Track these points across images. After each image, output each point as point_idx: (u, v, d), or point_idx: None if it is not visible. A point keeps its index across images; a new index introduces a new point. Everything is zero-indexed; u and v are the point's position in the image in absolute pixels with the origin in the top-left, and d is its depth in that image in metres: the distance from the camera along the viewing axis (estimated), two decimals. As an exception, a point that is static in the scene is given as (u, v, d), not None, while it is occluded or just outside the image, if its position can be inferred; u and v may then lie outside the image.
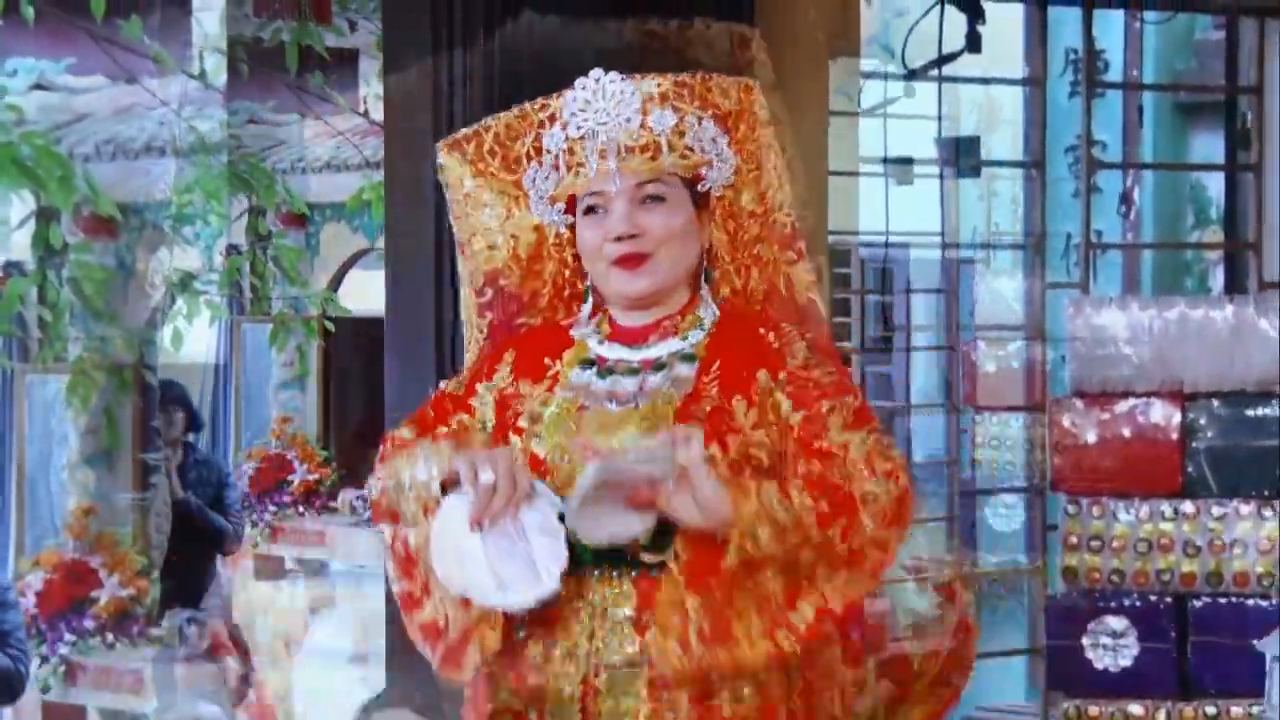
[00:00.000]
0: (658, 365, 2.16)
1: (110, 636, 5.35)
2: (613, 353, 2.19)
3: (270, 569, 7.75)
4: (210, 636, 4.83)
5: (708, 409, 2.10)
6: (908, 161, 4.72)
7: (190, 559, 5.45)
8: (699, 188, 2.18)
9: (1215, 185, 5.26)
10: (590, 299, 2.23)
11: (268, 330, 6.70)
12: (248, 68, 6.21)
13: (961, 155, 4.26)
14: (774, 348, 2.14)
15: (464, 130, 2.28)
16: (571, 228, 2.20)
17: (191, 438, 5.68)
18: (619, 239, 2.13)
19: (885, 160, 4.66)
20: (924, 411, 5.60)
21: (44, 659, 5.32)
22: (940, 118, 4.26)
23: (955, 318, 5.03)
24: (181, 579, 5.31)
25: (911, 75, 3.80)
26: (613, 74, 2.16)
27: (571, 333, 2.23)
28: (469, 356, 2.33)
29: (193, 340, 6.21)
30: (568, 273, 2.27)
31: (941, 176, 4.80)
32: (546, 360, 2.20)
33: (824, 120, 3.87)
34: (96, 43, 4.96)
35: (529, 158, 2.21)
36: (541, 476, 2.08)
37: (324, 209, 7.19)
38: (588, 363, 2.19)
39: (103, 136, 5.48)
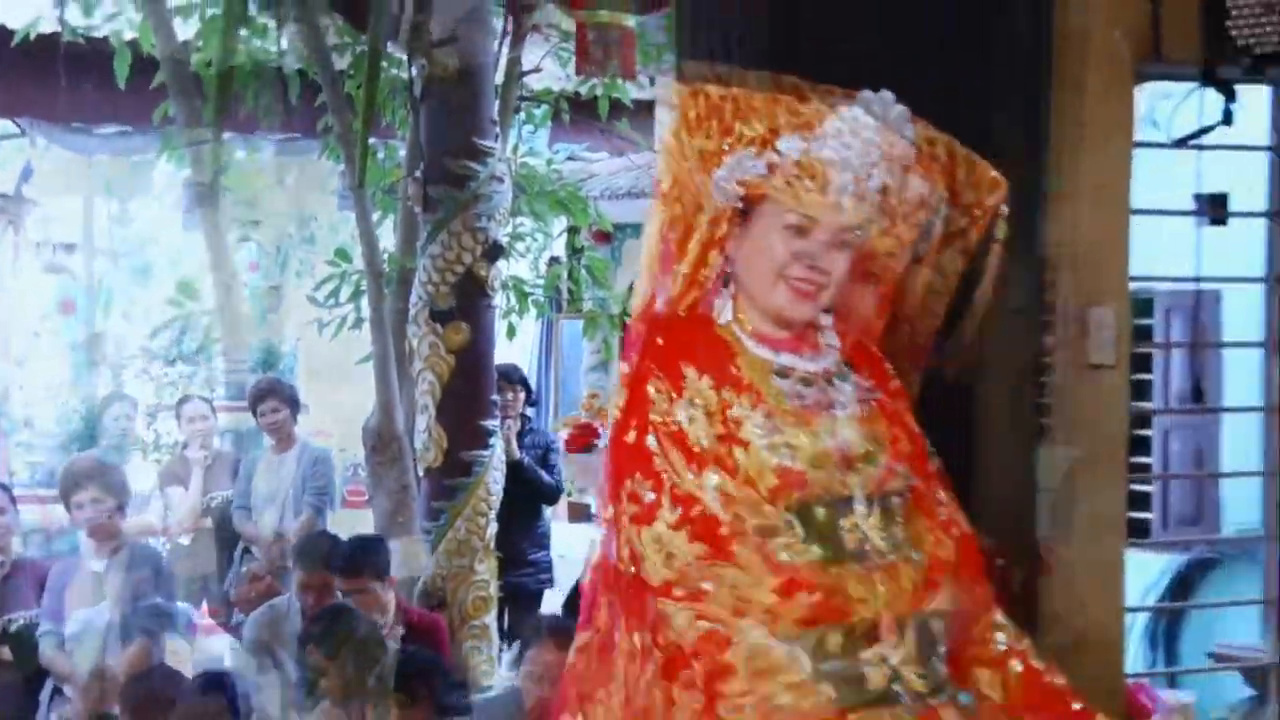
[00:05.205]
0: (834, 375, 1.91)
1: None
2: (792, 363, 1.90)
3: (579, 513, 7.95)
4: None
5: (897, 406, 1.92)
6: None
7: (521, 510, 5.39)
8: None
9: None
10: (729, 287, 1.91)
11: (580, 325, 6.72)
12: (569, 116, 6.29)
13: (1212, 207, 3.79)
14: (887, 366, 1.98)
15: (711, 87, 1.89)
16: (740, 215, 1.88)
17: (529, 411, 5.65)
18: (812, 268, 1.86)
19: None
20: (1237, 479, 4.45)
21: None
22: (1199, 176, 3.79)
23: (1278, 372, 3.92)
24: (509, 526, 5.25)
25: (1179, 144, 3.48)
26: (870, 120, 1.84)
27: (727, 326, 1.90)
28: (640, 298, 1.95)
29: (523, 333, 6.26)
30: (712, 255, 1.91)
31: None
32: (732, 369, 1.88)
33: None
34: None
35: (750, 142, 1.85)
36: (799, 486, 1.80)
37: (626, 228, 7.20)
38: (780, 372, 1.88)
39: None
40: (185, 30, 5.75)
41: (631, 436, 1.81)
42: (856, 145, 1.82)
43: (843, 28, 2.86)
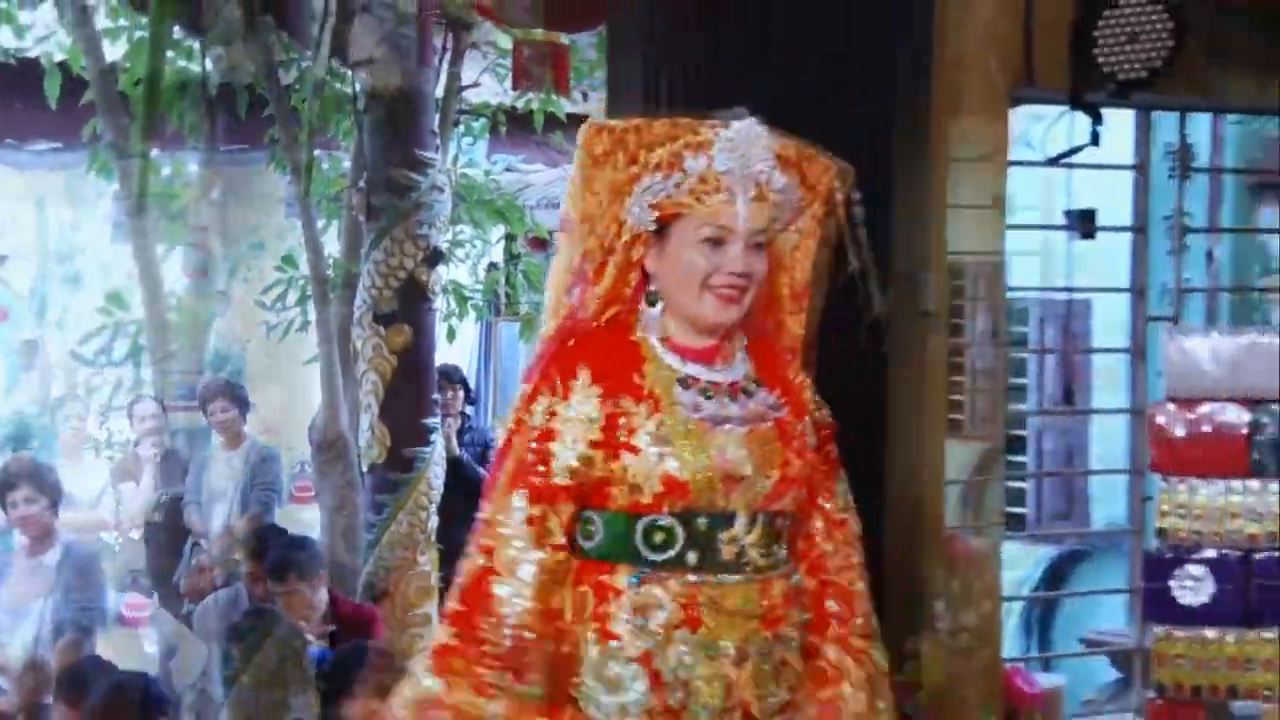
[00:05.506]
0: (740, 389, 1.96)
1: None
2: (697, 372, 1.94)
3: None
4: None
5: (798, 429, 1.97)
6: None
7: (461, 504, 5.57)
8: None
9: (1275, 245, 5.09)
10: (659, 304, 1.97)
11: (517, 327, 6.87)
12: (506, 129, 6.49)
13: (1081, 222, 4.05)
14: (802, 385, 2.03)
15: (613, 121, 1.98)
16: (655, 234, 1.95)
17: (468, 409, 5.81)
18: (733, 274, 1.92)
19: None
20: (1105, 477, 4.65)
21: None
22: (1069, 193, 4.06)
23: (1143, 378, 4.14)
24: (449, 519, 5.43)
25: (1050, 162, 3.73)
26: (757, 124, 1.93)
27: (643, 337, 1.96)
28: (548, 324, 2.04)
29: (462, 335, 6.41)
30: (631, 276, 1.97)
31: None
32: (635, 378, 1.91)
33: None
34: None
35: (657, 167, 1.92)
36: (681, 496, 1.86)
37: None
38: (683, 382, 1.92)
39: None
40: (114, 52, 5.83)
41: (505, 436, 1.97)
42: (751, 152, 1.90)
43: (763, 45, 3.06)
